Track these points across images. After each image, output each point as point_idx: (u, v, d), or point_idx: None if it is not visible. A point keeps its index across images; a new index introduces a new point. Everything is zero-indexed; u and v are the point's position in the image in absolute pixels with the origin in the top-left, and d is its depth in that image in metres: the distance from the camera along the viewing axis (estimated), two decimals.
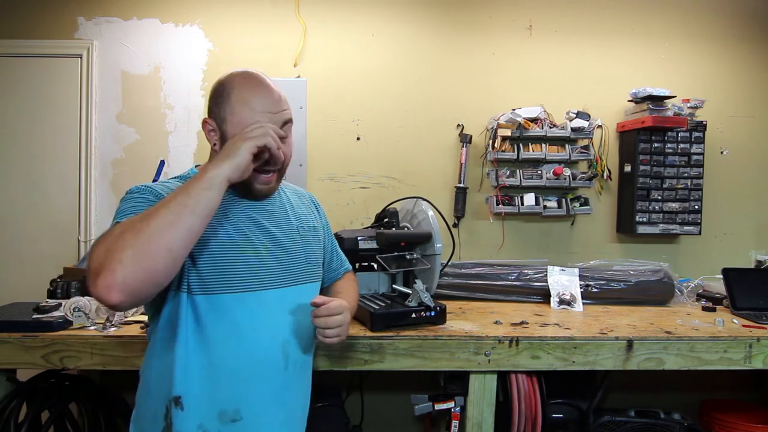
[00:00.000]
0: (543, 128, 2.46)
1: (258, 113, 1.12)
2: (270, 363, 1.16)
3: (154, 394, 1.12)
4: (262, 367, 1.15)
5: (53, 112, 2.48)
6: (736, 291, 2.13)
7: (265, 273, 1.16)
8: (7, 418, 1.59)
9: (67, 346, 1.55)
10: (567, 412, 1.87)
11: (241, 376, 1.12)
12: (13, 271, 2.48)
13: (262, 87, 1.15)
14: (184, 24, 2.50)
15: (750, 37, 2.67)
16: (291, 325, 1.20)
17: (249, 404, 1.13)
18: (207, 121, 1.17)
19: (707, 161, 2.55)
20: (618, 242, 2.66)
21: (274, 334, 1.17)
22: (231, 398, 1.11)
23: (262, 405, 1.15)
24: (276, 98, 1.16)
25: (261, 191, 1.19)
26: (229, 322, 1.11)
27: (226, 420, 1.11)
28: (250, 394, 1.13)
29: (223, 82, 1.17)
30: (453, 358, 1.62)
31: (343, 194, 2.56)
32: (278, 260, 1.19)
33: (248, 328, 1.13)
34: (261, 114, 1.12)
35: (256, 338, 1.14)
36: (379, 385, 2.41)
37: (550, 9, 2.61)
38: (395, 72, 2.56)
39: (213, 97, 1.17)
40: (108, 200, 2.50)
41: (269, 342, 1.16)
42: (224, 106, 1.14)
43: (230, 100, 1.13)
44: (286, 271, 1.20)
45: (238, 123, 1.12)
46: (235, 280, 1.12)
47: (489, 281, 2.23)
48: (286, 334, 1.19)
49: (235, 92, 1.13)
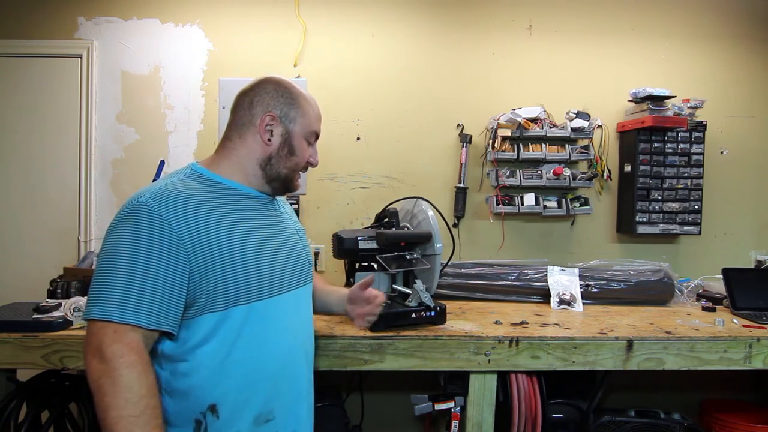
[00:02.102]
0: (543, 128, 2.46)
1: (314, 124, 1.24)
2: (296, 361, 1.22)
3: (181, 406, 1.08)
4: (290, 367, 1.20)
5: (53, 112, 2.48)
6: (736, 291, 2.13)
7: (282, 276, 1.19)
8: (7, 418, 1.59)
9: (67, 346, 1.56)
10: (567, 412, 1.87)
11: (274, 377, 1.15)
12: (13, 271, 2.48)
13: (315, 105, 1.27)
14: (184, 24, 2.50)
15: (750, 37, 2.67)
16: (305, 323, 1.28)
17: (281, 403, 1.17)
18: (272, 114, 1.18)
19: (707, 161, 2.55)
20: (618, 242, 2.66)
21: (296, 333, 1.22)
22: (266, 400, 1.14)
23: (291, 402, 1.20)
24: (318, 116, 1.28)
25: (296, 188, 1.30)
26: (258, 330, 1.12)
27: (260, 422, 1.13)
28: (282, 393, 1.17)
29: (287, 85, 1.21)
30: (453, 358, 1.63)
31: (343, 194, 2.56)
32: (292, 262, 1.23)
33: (277, 331, 1.16)
34: (315, 123, 1.25)
35: (284, 339, 1.18)
36: (379, 385, 2.41)
37: (550, 9, 2.61)
38: (395, 72, 2.56)
39: (278, 95, 1.20)
40: (108, 200, 2.50)
41: (293, 342, 1.21)
42: (293, 107, 1.20)
43: (299, 103, 1.21)
44: (298, 271, 1.25)
45: (302, 127, 1.21)
46: (264, 286, 1.13)
47: (489, 281, 2.23)
48: (304, 333, 1.27)
49: (302, 98, 1.22)
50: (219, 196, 1.12)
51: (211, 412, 1.07)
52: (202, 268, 1.03)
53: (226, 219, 1.09)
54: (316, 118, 1.25)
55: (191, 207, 1.04)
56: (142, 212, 1.00)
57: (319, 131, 1.28)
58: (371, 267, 1.94)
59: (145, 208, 1.01)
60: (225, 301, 1.06)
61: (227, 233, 1.07)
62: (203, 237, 1.03)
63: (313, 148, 1.28)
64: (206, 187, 1.12)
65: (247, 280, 1.09)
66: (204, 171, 1.16)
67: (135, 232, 0.99)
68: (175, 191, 1.05)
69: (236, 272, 1.07)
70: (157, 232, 0.99)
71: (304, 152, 1.24)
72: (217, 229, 1.06)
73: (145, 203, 1.01)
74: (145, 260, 0.98)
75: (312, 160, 1.27)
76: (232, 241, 1.08)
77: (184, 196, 1.05)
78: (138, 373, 0.94)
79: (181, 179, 1.11)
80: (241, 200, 1.16)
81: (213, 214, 1.07)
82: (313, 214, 2.54)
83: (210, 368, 1.06)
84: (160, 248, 0.99)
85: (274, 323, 1.15)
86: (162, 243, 0.99)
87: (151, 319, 0.97)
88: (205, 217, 1.05)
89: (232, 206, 1.13)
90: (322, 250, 2.50)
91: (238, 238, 1.09)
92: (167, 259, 0.99)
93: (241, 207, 1.15)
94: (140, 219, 1.00)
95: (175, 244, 1.00)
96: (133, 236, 0.99)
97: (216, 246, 1.05)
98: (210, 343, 1.06)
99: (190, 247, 1.01)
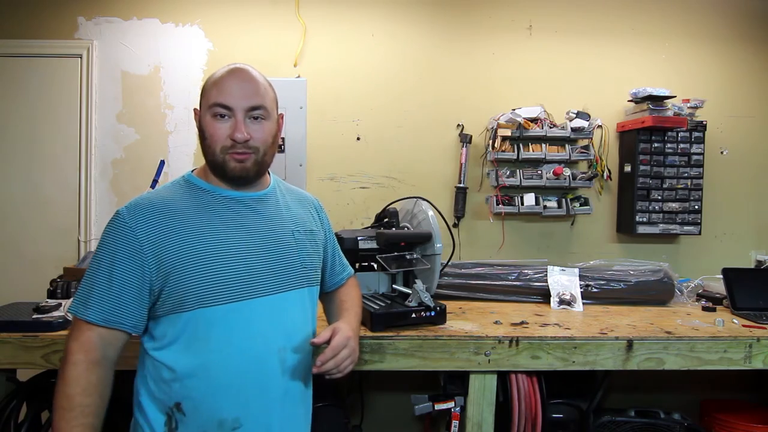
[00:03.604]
0: (543, 128, 2.46)
1: (213, 95, 1.13)
2: (266, 371, 1.15)
3: (153, 402, 1.12)
4: (259, 376, 1.14)
5: (53, 112, 2.48)
6: (736, 291, 2.13)
7: (255, 280, 1.14)
8: (7, 418, 1.59)
9: None
10: (567, 412, 1.87)
11: (237, 385, 1.12)
12: (13, 271, 2.48)
13: (223, 75, 1.15)
14: (184, 24, 2.50)
15: (750, 37, 2.67)
16: (286, 331, 1.19)
17: (249, 413, 1.13)
18: (195, 109, 1.21)
19: (707, 161, 2.55)
20: (618, 242, 2.66)
21: (269, 340, 1.16)
22: (230, 407, 1.11)
23: (262, 413, 1.14)
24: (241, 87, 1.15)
25: (234, 170, 1.15)
26: (222, 333, 1.10)
27: (226, 428, 1.11)
28: (249, 402, 1.13)
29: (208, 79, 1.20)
30: (453, 358, 1.62)
31: (343, 194, 2.56)
32: (268, 266, 1.17)
33: (241, 337, 1.12)
34: (215, 94, 1.13)
35: (250, 347, 1.13)
36: (379, 385, 2.41)
37: (550, 9, 2.61)
38: (395, 72, 2.56)
39: (203, 92, 1.19)
40: (108, 200, 2.50)
41: (264, 349, 1.15)
42: (203, 92, 1.16)
43: (206, 86, 1.17)
44: (278, 276, 1.18)
45: (205, 105, 1.15)
46: (224, 290, 1.10)
47: (489, 281, 2.23)
48: (281, 341, 1.17)
49: (210, 79, 1.17)
50: (197, 202, 1.15)
51: (177, 409, 1.10)
52: (164, 272, 1.08)
53: (192, 225, 1.12)
54: (217, 88, 1.13)
55: (159, 215, 1.11)
56: (115, 221, 1.11)
57: (227, 101, 1.12)
58: (371, 267, 1.94)
59: (118, 217, 1.11)
60: (190, 303, 1.09)
61: (191, 239, 1.10)
62: (165, 242, 1.09)
63: (233, 120, 1.12)
64: (189, 194, 1.16)
65: (209, 284, 1.10)
66: (192, 178, 1.20)
67: (106, 239, 1.10)
68: (149, 200, 1.13)
69: (197, 276, 1.09)
70: (122, 238, 1.08)
71: (213, 129, 1.13)
72: (182, 235, 1.10)
73: (119, 213, 1.11)
74: (107, 263, 1.08)
75: (233, 133, 1.11)
76: (194, 246, 1.10)
77: (158, 205, 1.12)
78: (78, 372, 1.03)
79: (168, 188, 1.19)
80: (217, 204, 1.16)
81: (180, 220, 1.11)
82: None
83: (176, 367, 1.10)
84: (122, 252, 1.07)
85: (241, 328, 1.12)
86: (124, 247, 1.08)
87: (103, 316, 1.06)
88: (171, 224, 1.10)
89: (206, 212, 1.14)
90: None
91: (201, 243, 1.11)
92: (126, 262, 1.07)
93: (215, 212, 1.15)
94: (112, 227, 1.10)
95: (136, 249, 1.07)
96: (104, 242, 1.10)
97: (177, 251, 1.09)
98: (177, 343, 1.10)
99: (150, 252, 1.07)
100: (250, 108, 1.14)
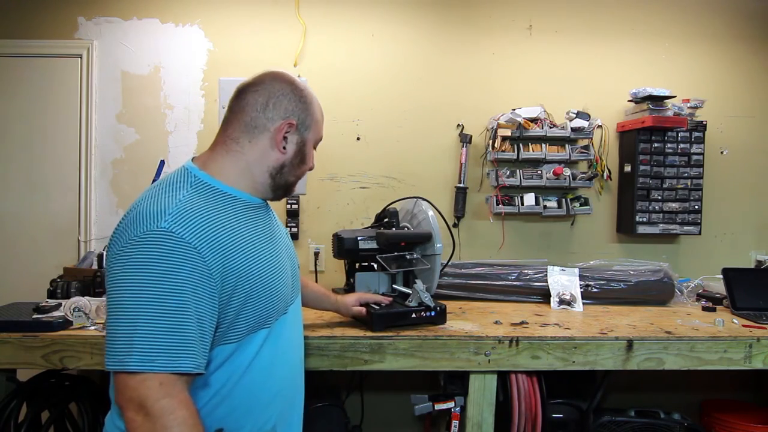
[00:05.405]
0: (543, 128, 2.46)
1: (321, 130, 1.19)
2: (297, 377, 1.20)
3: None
4: (293, 382, 1.18)
5: (53, 112, 2.48)
6: (736, 291, 2.13)
7: (290, 288, 1.16)
8: (7, 418, 1.59)
9: (67, 346, 1.56)
10: (567, 412, 1.87)
11: (282, 394, 1.13)
12: (13, 271, 2.48)
13: (320, 108, 1.19)
14: (184, 24, 2.50)
15: (750, 37, 2.67)
16: (301, 334, 1.26)
17: (282, 418, 1.14)
18: (292, 122, 1.10)
19: (707, 161, 2.55)
20: (618, 242, 2.66)
21: (297, 349, 1.21)
22: (271, 418, 1.10)
23: (289, 414, 1.17)
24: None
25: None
26: (272, 350, 1.08)
27: None
28: (284, 408, 1.15)
29: (302, 88, 1.13)
30: (453, 358, 1.63)
31: (343, 194, 2.56)
32: (291, 272, 1.19)
33: (284, 350, 1.13)
34: (322, 129, 1.19)
35: (290, 358, 1.16)
36: (379, 385, 2.41)
37: (550, 9, 2.61)
38: (395, 72, 2.56)
39: (295, 99, 1.11)
40: (108, 200, 2.50)
41: (296, 358, 1.20)
42: (309, 114, 1.13)
43: (313, 109, 1.14)
44: (295, 281, 1.22)
45: (314, 134, 1.16)
46: (280, 306, 1.10)
47: (489, 281, 2.23)
48: (302, 346, 1.26)
49: (315, 104, 1.15)
50: (228, 209, 1.03)
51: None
52: (227, 296, 0.96)
53: (243, 238, 1.01)
54: (322, 122, 1.19)
55: (213, 228, 0.95)
56: (167, 240, 0.89)
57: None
58: (371, 267, 1.95)
59: (170, 235, 0.89)
60: (244, 329, 1.01)
61: (247, 255, 1.00)
62: (229, 262, 0.96)
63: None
64: (215, 199, 1.02)
65: (268, 303, 1.04)
66: (207, 178, 1.04)
67: (161, 264, 0.88)
68: (193, 210, 0.95)
69: (259, 297, 1.02)
70: (186, 262, 0.89)
71: (312, 159, 1.19)
72: (239, 251, 0.99)
73: (168, 230, 0.90)
74: (179, 297, 0.88)
75: (312, 164, 1.21)
76: (252, 263, 1.01)
77: (205, 215, 0.96)
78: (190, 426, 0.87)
79: (191, 193, 0.99)
80: (247, 212, 1.07)
81: (231, 233, 0.99)
82: (313, 214, 2.54)
83: (217, 394, 1.01)
84: (193, 281, 0.90)
85: (283, 343, 1.11)
86: (194, 275, 0.90)
87: (196, 362, 0.89)
88: (227, 240, 0.97)
89: (243, 222, 1.04)
90: (322, 250, 2.50)
91: (257, 259, 1.02)
92: (200, 292, 0.90)
93: (249, 221, 1.06)
94: (165, 248, 0.89)
95: (207, 275, 0.92)
96: (159, 269, 0.88)
97: (240, 271, 0.98)
98: (221, 370, 1.01)
99: (218, 275, 0.94)
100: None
